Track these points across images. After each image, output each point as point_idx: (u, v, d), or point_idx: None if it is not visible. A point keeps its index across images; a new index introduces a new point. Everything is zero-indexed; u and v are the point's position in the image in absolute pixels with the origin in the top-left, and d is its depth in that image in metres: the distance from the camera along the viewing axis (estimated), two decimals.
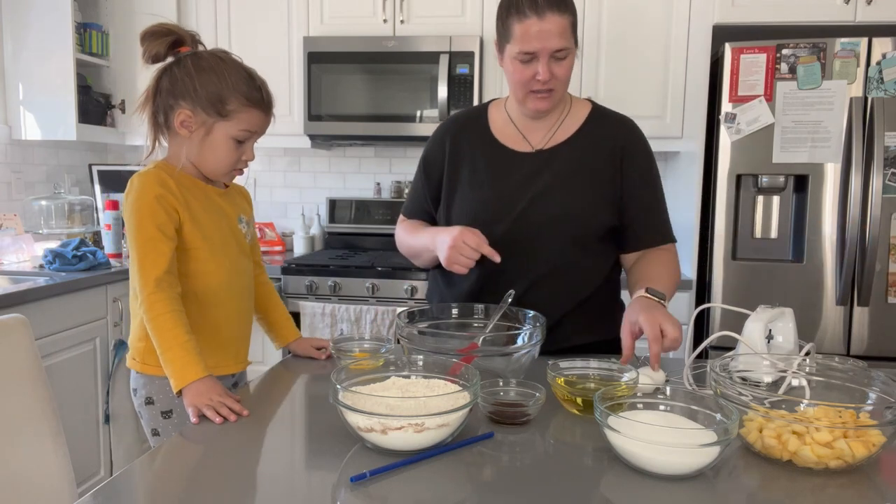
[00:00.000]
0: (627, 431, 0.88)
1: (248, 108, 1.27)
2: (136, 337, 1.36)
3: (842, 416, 0.93)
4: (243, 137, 1.29)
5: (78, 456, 2.30)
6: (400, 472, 0.89)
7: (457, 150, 1.52)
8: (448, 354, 1.15)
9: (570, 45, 1.34)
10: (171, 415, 1.34)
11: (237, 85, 1.26)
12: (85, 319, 2.41)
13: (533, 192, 1.42)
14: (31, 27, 2.84)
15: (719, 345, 1.79)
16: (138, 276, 1.23)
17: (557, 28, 1.31)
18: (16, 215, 2.83)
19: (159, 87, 1.28)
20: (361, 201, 3.34)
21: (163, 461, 0.94)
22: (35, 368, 1.24)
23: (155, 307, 1.21)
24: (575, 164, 1.44)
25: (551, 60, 1.34)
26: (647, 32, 2.82)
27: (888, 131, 2.35)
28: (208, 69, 1.26)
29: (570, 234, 1.42)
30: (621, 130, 1.48)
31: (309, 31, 2.99)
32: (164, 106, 1.28)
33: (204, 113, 1.26)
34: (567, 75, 1.39)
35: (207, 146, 1.28)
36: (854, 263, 2.41)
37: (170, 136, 1.31)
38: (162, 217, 1.24)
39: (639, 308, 1.23)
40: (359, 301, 2.72)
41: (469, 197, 1.48)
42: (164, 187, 1.25)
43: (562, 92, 1.41)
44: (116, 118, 3.18)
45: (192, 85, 1.25)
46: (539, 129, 1.47)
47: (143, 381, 1.35)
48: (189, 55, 1.27)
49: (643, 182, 1.46)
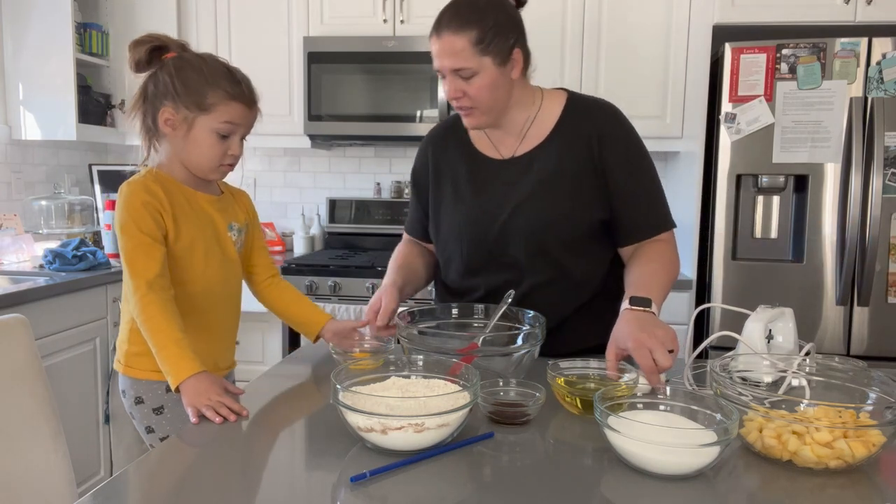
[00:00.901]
0: (627, 431, 0.88)
1: (227, 100, 1.28)
2: (122, 340, 1.39)
3: (842, 416, 0.93)
4: (226, 131, 1.29)
5: (78, 456, 2.30)
6: (400, 472, 0.89)
7: (438, 163, 1.49)
8: (448, 354, 1.15)
9: (470, 64, 1.27)
10: (162, 410, 1.36)
11: (216, 79, 1.27)
12: (85, 319, 2.41)
13: (514, 202, 1.38)
14: (31, 27, 2.84)
15: (719, 345, 1.79)
16: (130, 280, 1.25)
17: (452, 48, 1.27)
18: (16, 215, 2.83)
19: (146, 92, 1.30)
20: (361, 201, 3.34)
21: (162, 461, 0.94)
22: (35, 368, 1.24)
23: (148, 308, 1.22)
24: (554, 165, 1.37)
25: (458, 79, 1.30)
26: (647, 32, 2.82)
27: (888, 131, 2.35)
28: (188, 67, 1.28)
29: (557, 241, 1.37)
30: (597, 118, 1.39)
31: (309, 31, 2.99)
32: (151, 109, 1.30)
33: (185, 108, 1.27)
34: (483, 94, 1.30)
35: (191, 142, 1.29)
36: (854, 263, 2.41)
37: (161, 140, 1.32)
38: (149, 223, 1.26)
39: (626, 329, 1.15)
40: (359, 301, 2.72)
41: (452, 211, 1.45)
42: (150, 194, 1.27)
43: (488, 108, 1.33)
44: (116, 118, 3.18)
45: (173, 83, 1.27)
46: (507, 136, 1.42)
47: (129, 383, 1.38)
48: (172, 58, 1.29)
49: (626, 171, 1.37)
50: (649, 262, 1.35)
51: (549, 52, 2.87)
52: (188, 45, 1.33)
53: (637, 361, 1.10)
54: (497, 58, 1.29)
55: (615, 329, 1.19)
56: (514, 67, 1.33)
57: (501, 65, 1.30)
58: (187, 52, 1.31)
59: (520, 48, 1.33)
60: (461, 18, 1.27)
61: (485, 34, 1.27)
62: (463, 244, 1.44)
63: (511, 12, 1.33)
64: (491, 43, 1.28)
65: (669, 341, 1.10)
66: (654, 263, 1.35)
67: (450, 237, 1.46)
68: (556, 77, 2.88)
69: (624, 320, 1.19)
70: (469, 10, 1.28)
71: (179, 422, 1.36)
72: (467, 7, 1.29)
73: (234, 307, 1.46)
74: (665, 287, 1.31)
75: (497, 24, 1.28)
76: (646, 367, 1.08)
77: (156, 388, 1.36)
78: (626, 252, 1.43)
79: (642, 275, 1.32)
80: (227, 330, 1.46)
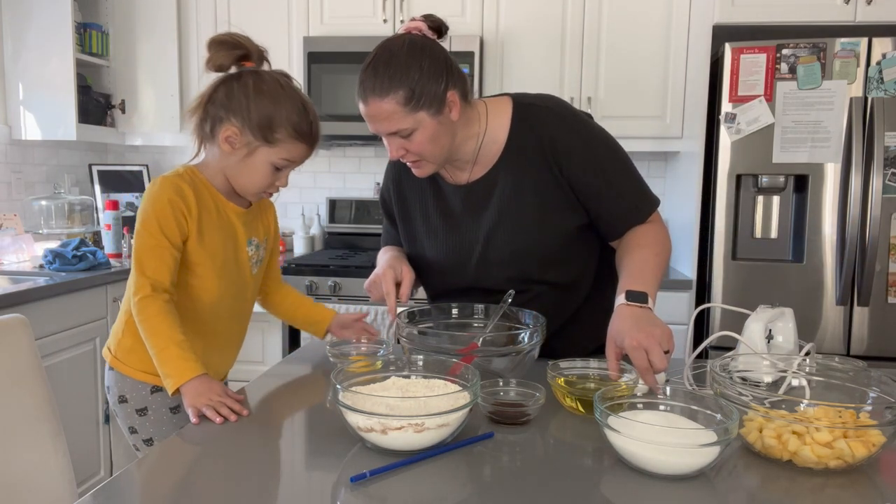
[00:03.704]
0: (627, 431, 0.88)
1: (294, 139, 1.26)
2: (117, 328, 1.36)
3: (842, 416, 0.93)
4: (282, 165, 1.28)
5: (78, 456, 2.30)
6: (400, 472, 0.89)
7: (403, 191, 1.45)
8: (448, 354, 1.15)
9: (405, 125, 1.20)
10: (145, 412, 1.35)
11: (290, 115, 1.24)
12: (85, 319, 2.41)
13: (484, 231, 1.34)
14: (31, 27, 2.85)
15: (719, 345, 1.79)
16: (136, 276, 1.23)
17: (381, 113, 1.19)
18: (16, 215, 2.83)
19: (214, 96, 1.26)
20: (361, 201, 3.34)
21: (162, 461, 0.94)
22: (35, 368, 1.24)
23: (148, 309, 1.21)
24: (512, 187, 1.32)
25: (397, 138, 1.23)
26: (647, 32, 2.82)
27: (888, 131, 2.35)
28: (266, 93, 1.24)
29: (534, 262, 1.34)
30: (544, 123, 1.30)
31: (309, 31, 2.99)
32: (213, 116, 1.26)
33: (251, 134, 1.24)
34: (426, 147, 1.24)
35: (246, 167, 1.27)
36: (854, 263, 2.41)
37: (209, 144, 1.30)
38: (171, 224, 1.24)
39: (622, 326, 1.12)
40: (359, 301, 2.72)
41: (427, 247, 1.42)
42: (179, 195, 1.25)
43: (435, 157, 1.27)
44: (116, 118, 3.18)
45: (247, 105, 1.23)
46: (460, 164, 1.36)
47: (115, 379, 1.36)
48: (251, 73, 1.26)
49: (589, 171, 1.29)
50: (639, 248, 1.29)
51: (548, 52, 2.87)
52: (267, 52, 1.30)
53: (632, 361, 1.09)
54: (431, 108, 1.21)
55: (611, 325, 1.16)
56: (453, 109, 1.24)
57: (438, 114, 1.22)
58: (267, 72, 1.28)
59: (453, 87, 1.23)
60: (383, 80, 1.18)
61: (412, 91, 1.18)
62: (445, 277, 1.43)
63: (434, 53, 1.22)
64: (422, 97, 1.19)
65: (666, 341, 1.09)
66: (645, 249, 1.29)
67: (429, 270, 1.44)
68: (556, 77, 2.88)
69: (620, 317, 1.15)
70: (389, 70, 1.18)
71: (163, 425, 1.35)
72: (386, 65, 1.19)
73: (241, 324, 1.45)
74: (658, 272, 1.27)
75: (423, 76, 1.19)
76: (641, 367, 1.07)
77: (141, 389, 1.34)
78: (614, 244, 1.39)
79: (634, 262, 1.26)
80: (229, 344, 1.44)
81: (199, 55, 3.10)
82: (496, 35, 2.88)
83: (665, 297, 2.50)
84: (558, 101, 1.36)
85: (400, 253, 1.47)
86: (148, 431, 1.35)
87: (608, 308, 1.22)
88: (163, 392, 1.32)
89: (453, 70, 1.24)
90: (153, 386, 1.34)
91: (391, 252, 1.48)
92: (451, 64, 1.24)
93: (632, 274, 1.24)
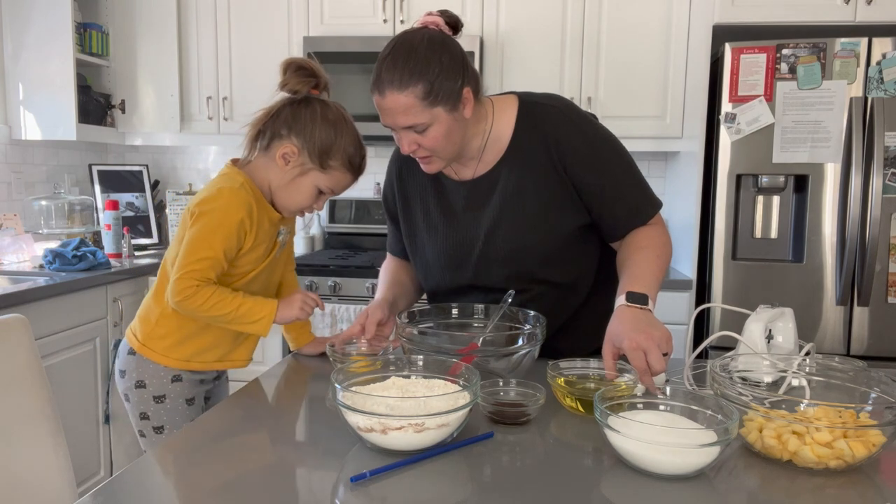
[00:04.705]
0: (627, 431, 0.88)
1: (345, 169, 1.34)
2: (148, 319, 1.39)
3: (842, 416, 0.93)
4: (325, 191, 1.35)
5: (78, 456, 2.30)
6: (400, 472, 0.89)
7: (405, 188, 1.45)
8: (448, 354, 1.15)
9: (422, 119, 1.20)
10: (163, 400, 1.38)
11: (347, 147, 1.32)
12: (85, 319, 2.41)
13: (485, 228, 1.35)
14: (31, 27, 2.85)
15: (719, 345, 1.80)
16: (182, 276, 1.26)
17: (398, 106, 1.19)
18: (16, 215, 2.83)
19: (279, 113, 1.31)
20: (361, 201, 3.34)
21: (163, 461, 0.94)
22: (35, 368, 1.24)
23: (199, 295, 1.27)
24: (514, 185, 1.32)
25: (411, 133, 1.23)
26: (647, 33, 2.82)
27: (888, 131, 2.35)
28: (331, 122, 1.31)
29: (535, 261, 1.34)
30: (550, 122, 1.31)
31: (309, 31, 2.99)
32: (273, 130, 1.31)
33: (308, 156, 1.31)
34: (440, 143, 1.24)
35: (294, 185, 1.33)
36: (854, 263, 2.41)
37: (260, 154, 1.34)
38: (233, 244, 1.30)
39: (621, 328, 1.12)
40: (359, 301, 2.72)
41: (427, 242, 1.42)
42: (249, 217, 1.31)
43: (446, 153, 1.27)
44: (116, 118, 3.18)
45: (312, 129, 1.30)
46: (465, 160, 1.36)
47: (135, 364, 1.39)
48: (318, 101, 1.33)
49: (593, 171, 1.30)
50: (641, 250, 1.29)
51: (548, 52, 2.87)
52: (329, 83, 1.37)
53: (631, 362, 1.09)
54: (448, 104, 1.21)
55: (610, 326, 1.16)
56: (466, 106, 1.24)
57: (453, 110, 1.22)
58: (332, 102, 1.35)
59: (468, 84, 1.24)
60: (402, 73, 1.17)
61: (432, 86, 1.18)
62: (445, 274, 1.43)
63: (452, 49, 1.23)
64: (440, 93, 1.19)
65: (665, 343, 1.09)
66: (647, 251, 1.29)
67: (429, 267, 1.44)
68: (556, 77, 2.88)
69: (619, 318, 1.15)
70: (409, 63, 1.18)
71: (177, 415, 1.39)
72: (406, 59, 1.18)
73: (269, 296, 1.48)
74: (659, 274, 1.27)
75: (442, 71, 1.19)
76: (639, 369, 1.07)
77: (163, 375, 1.38)
78: (615, 245, 1.39)
79: (635, 263, 1.26)
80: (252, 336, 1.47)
81: (200, 55, 3.11)
82: (496, 35, 2.88)
83: (665, 297, 2.50)
84: (564, 100, 1.36)
85: (389, 292, 1.48)
86: (161, 419, 1.39)
87: (608, 309, 1.22)
88: (182, 382, 1.39)
89: (468, 67, 1.25)
90: (174, 375, 1.38)
91: (379, 293, 1.48)
92: (466, 61, 1.26)
93: (633, 275, 1.24)
